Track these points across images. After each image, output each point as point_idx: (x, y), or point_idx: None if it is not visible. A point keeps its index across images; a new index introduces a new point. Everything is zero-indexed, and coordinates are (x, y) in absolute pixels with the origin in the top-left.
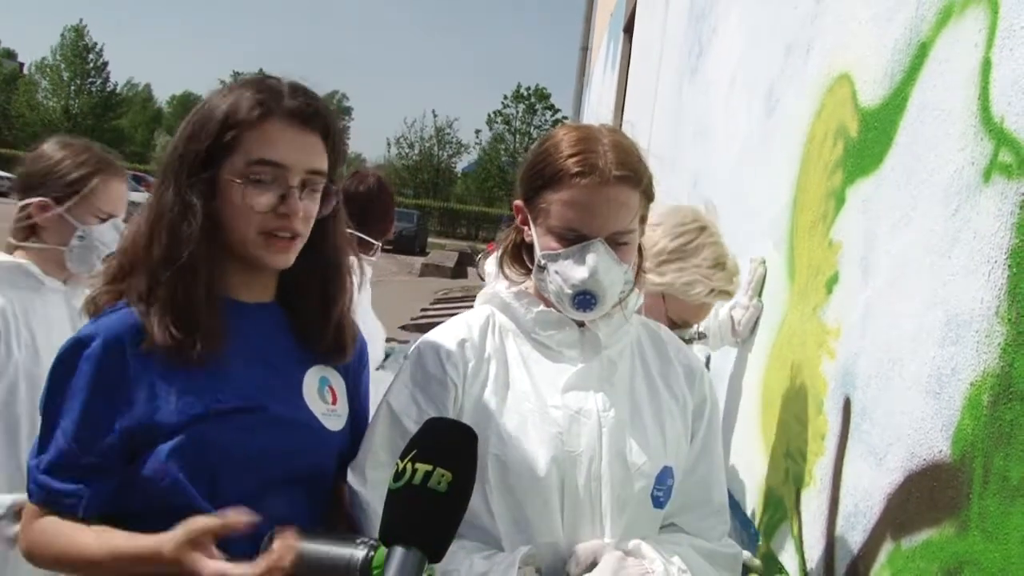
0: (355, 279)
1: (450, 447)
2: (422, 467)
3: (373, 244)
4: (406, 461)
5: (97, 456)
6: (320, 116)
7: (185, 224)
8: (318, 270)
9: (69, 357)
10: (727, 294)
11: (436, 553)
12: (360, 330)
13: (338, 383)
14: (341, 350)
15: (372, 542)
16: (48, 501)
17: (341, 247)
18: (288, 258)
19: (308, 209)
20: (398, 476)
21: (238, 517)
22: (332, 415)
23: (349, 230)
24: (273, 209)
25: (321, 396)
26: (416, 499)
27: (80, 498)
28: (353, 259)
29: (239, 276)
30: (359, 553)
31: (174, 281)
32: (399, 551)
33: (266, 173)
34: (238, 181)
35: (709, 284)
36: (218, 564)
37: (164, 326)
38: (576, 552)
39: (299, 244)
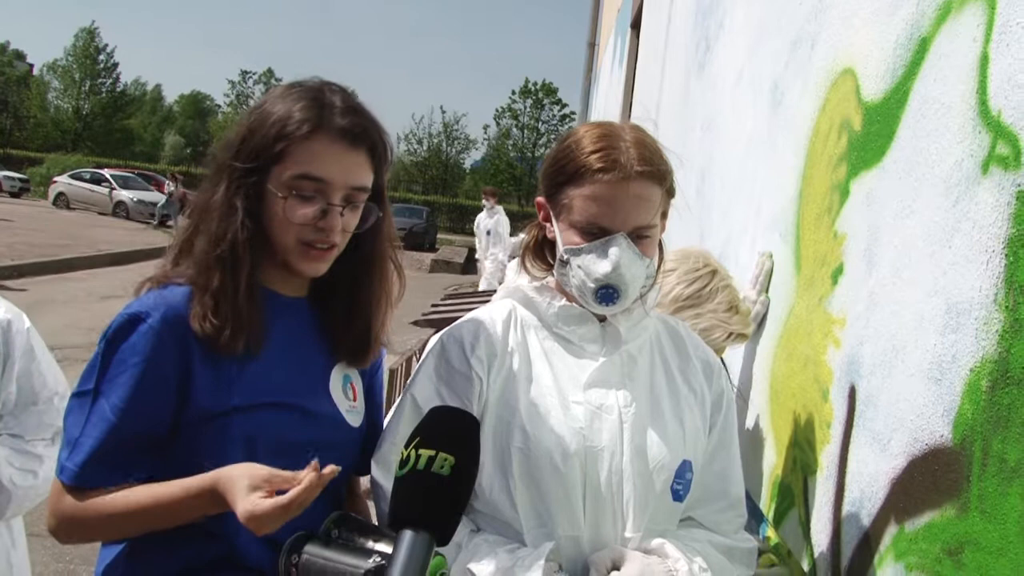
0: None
1: (452, 433)
2: (425, 453)
3: None
4: (410, 448)
5: (143, 432)
6: (368, 135)
7: (229, 223)
8: (348, 275)
9: (123, 332)
10: (743, 337)
11: (443, 535)
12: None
13: (357, 381)
14: (361, 356)
15: (382, 561)
16: (89, 487)
17: (377, 257)
18: (321, 267)
19: (348, 223)
20: (403, 463)
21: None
22: (354, 412)
23: None
24: (313, 222)
25: (345, 393)
26: (420, 483)
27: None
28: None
29: (278, 271)
30: (365, 564)
31: (216, 273)
32: (408, 534)
33: (308, 188)
34: (280, 195)
35: (727, 328)
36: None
37: (204, 315)
38: (593, 561)
39: (335, 254)
